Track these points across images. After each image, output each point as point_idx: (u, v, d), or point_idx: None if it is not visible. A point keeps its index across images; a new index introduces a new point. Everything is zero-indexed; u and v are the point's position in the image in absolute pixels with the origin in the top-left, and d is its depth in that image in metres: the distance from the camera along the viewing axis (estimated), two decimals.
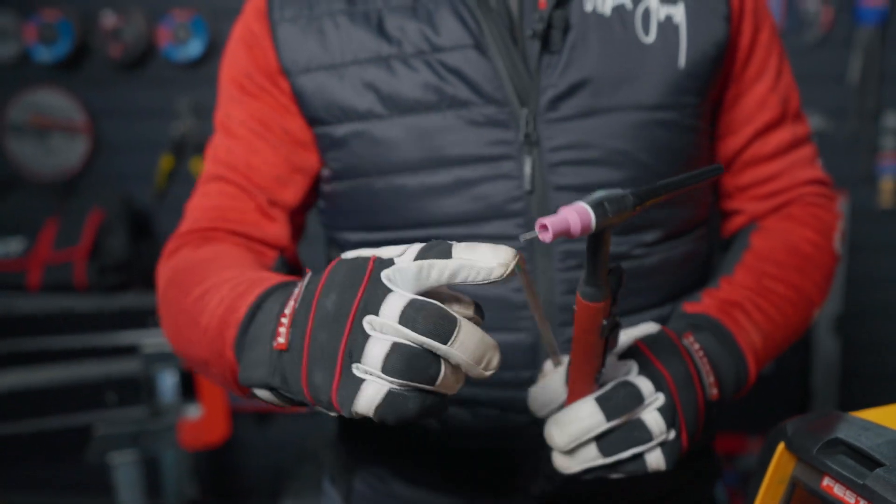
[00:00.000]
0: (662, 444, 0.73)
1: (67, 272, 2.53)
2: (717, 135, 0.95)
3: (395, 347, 0.56)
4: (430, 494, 0.94)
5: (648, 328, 0.79)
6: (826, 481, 0.61)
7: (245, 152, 0.92)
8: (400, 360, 0.56)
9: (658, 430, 0.72)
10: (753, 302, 0.86)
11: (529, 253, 0.85)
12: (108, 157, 2.95)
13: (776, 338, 0.87)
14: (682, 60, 0.85)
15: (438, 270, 0.57)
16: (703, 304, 0.85)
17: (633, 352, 0.75)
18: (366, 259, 0.61)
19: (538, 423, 0.79)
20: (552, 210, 0.84)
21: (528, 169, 0.83)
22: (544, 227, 0.56)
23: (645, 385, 0.72)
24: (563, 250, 0.84)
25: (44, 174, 2.92)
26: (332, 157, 0.90)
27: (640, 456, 0.73)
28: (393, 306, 0.57)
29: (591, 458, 0.72)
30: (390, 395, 0.57)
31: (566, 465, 0.74)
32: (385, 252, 0.61)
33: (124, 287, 2.64)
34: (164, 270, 0.91)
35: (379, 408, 0.57)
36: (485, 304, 0.85)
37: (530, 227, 0.84)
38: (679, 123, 0.86)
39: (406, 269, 0.57)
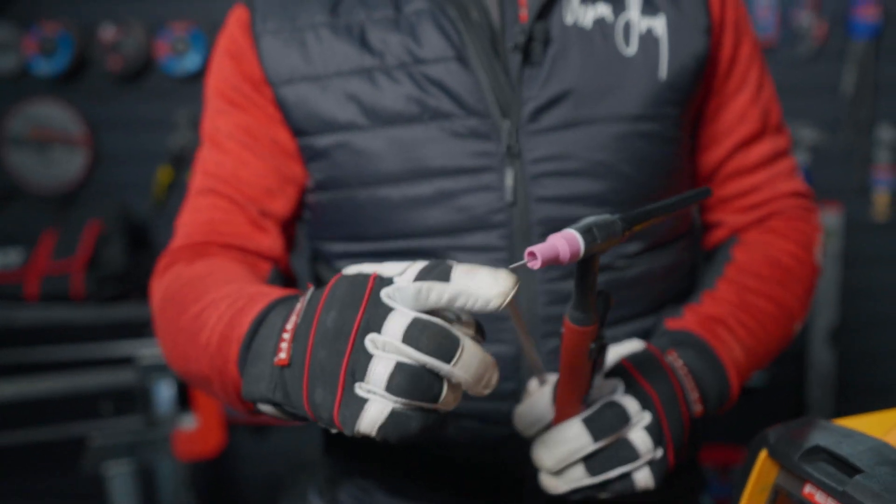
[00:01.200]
0: (650, 463, 0.74)
1: (65, 283, 2.54)
2: (699, 147, 0.96)
3: (400, 367, 0.57)
4: None
5: (633, 346, 0.79)
6: (807, 488, 0.61)
7: (234, 164, 0.93)
8: (404, 380, 0.56)
9: (645, 449, 0.73)
10: (736, 317, 0.86)
11: (511, 263, 0.85)
12: (107, 168, 2.96)
13: (758, 352, 0.88)
14: (663, 72, 0.86)
15: (437, 294, 0.57)
16: (686, 319, 0.86)
17: (618, 370, 0.75)
18: (366, 276, 0.61)
19: (519, 436, 0.80)
20: (534, 221, 0.85)
21: (509, 180, 0.84)
22: (533, 255, 0.55)
23: (631, 404, 0.73)
24: None
25: (43, 186, 2.93)
26: (314, 168, 0.90)
27: (627, 475, 0.74)
28: (396, 325, 0.57)
29: (578, 478, 0.73)
30: (393, 414, 0.57)
31: (554, 485, 0.74)
32: (386, 270, 0.61)
33: (122, 298, 2.65)
34: (158, 288, 0.91)
35: (382, 427, 0.58)
36: None
37: (512, 239, 0.85)
38: (660, 135, 0.87)
39: (405, 289, 0.57)
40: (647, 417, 0.73)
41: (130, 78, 2.87)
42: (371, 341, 0.58)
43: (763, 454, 0.65)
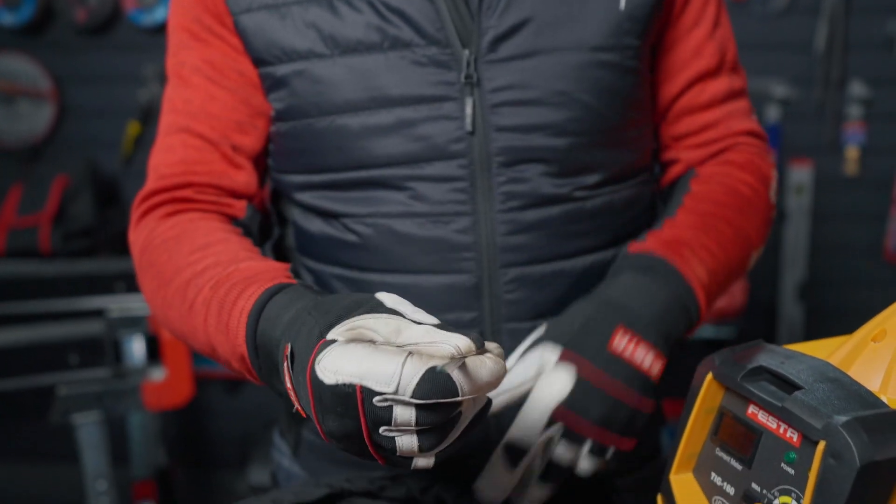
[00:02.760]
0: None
1: (32, 237, 2.51)
2: (656, 82, 0.96)
3: (422, 434, 0.58)
4: None
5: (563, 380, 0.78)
6: (751, 408, 0.62)
7: (202, 100, 0.91)
8: (431, 441, 0.58)
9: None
10: (698, 239, 0.87)
11: (471, 194, 0.85)
12: (74, 123, 2.92)
13: (720, 275, 0.88)
14: (622, 2, 0.85)
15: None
16: (647, 243, 0.86)
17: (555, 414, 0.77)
18: (351, 389, 0.57)
19: None
20: (493, 151, 0.84)
21: (469, 110, 0.84)
22: None
23: (567, 451, 0.79)
24: (504, 191, 0.85)
25: (9, 140, 2.89)
26: (274, 98, 0.89)
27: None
28: (405, 416, 0.56)
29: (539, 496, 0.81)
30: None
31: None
32: (372, 380, 0.57)
33: (90, 253, 2.63)
34: (136, 240, 0.91)
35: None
36: (425, 245, 0.87)
37: (472, 168, 0.84)
38: (620, 65, 0.86)
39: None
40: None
41: (97, 30, 2.83)
42: (387, 429, 0.57)
43: (708, 377, 0.65)
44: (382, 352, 0.56)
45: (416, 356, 0.55)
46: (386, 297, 0.63)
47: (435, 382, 0.54)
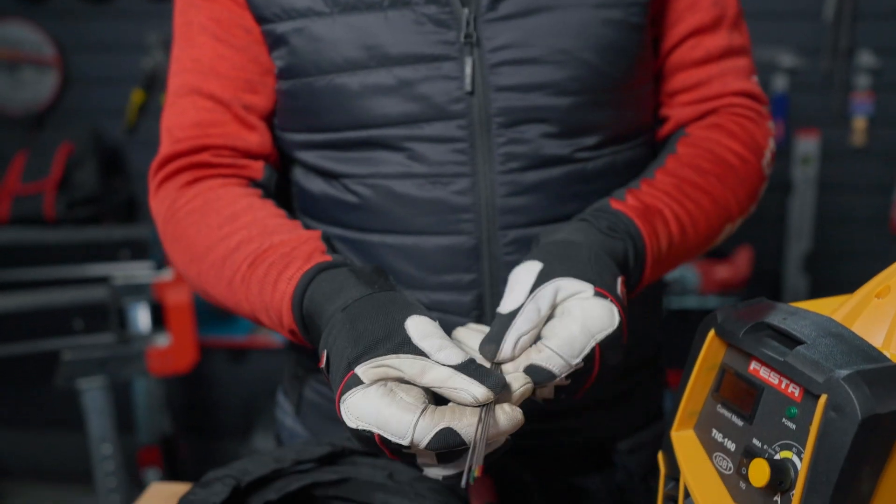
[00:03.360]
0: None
1: (37, 204, 2.51)
2: (652, 36, 0.94)
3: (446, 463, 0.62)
4: None
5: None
6: (752, 365, 0.62)
7: (211, 59, 0.90)
8: (457, 466, 0.62)
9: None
10: (672, 211, 0.84)
11: (470, 155, 0.84)
12: (78, 91, 2.91)
13: (676, 253, 0.86)
14: None
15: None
16: (627, 203, 0.83)
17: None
18: (371, 434, 0.60)
19: (479, 323, 0.80)
20: (493, 111, 0.83)
21: (468, 69, 0.83)
22: None
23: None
24: (504, 152, 0.84)
25: (13, 108, 2.88)
26: (276, 56, 0.89)
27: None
28: (425, 458, 0.62)
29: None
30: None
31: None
32: (390, 434, 0.59)
33: (95, 221, 2.63)
34: (159, 211, 0.91)
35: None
36: (424, 206, 0.86)
37: (471, 129, 0.84)
38: (625, 22, 0.85)
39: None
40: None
41: None
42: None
43: (711, 334, 0.65)
44: (398, 405, 0.59)
45: (429, 413, 0.58)
46: (414, 328, 0.64)
47: (447, 440, 0.58)
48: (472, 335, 0.72)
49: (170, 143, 0.91)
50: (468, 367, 0.60)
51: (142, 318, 2.26)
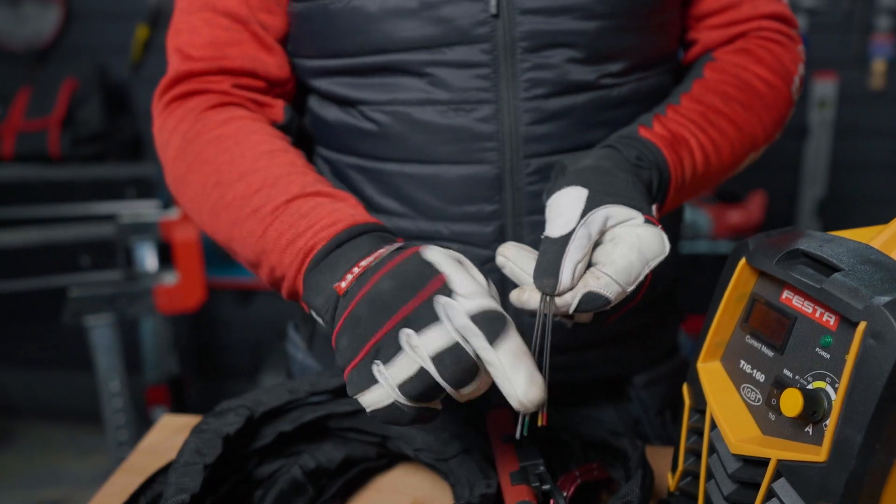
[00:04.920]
0: None
1: (41, 141, 2.48)
2: None
3: (419, 375, 0.57)
4: None
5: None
6: (785, 294, 0.60)
7: None
8: (418, 388, 0.57)
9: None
10: (698, 140, 0.82)
11: (494, 81, 0.81)
12: (81, 26, 2.86)
13: (697, 183, 0.84)
14: None
15: (473, 347, 0.56)
16: (655, 132, 0.81)
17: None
18: (435, 272, 0.59)
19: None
20: (518, 35, 0.80)
21: None
22: None
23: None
24: (528, 78, 0.81)
25: (15, 43, 2.84)
26: None
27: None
28: (434, 340, 0.57)
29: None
30: (393, 406, 0.59)
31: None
32: (457, 280, 0.58)
33: (100, 159, 2.60)
34: (177, 128, 0.84)
35: (377, 411, 0.59)
36: (446, 134, 0.83)
37: (495, 53, 0.80)
38: None
39: (457, 318, 0.56)
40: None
41: None
42: (406, 335, 0.57)
43: (742, 262, 0.63)
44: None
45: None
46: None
47: (489, 320, 0.56)
48: (522, 254, 0.69)
49: (182, 60, 0.86)
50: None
51: (148, 256, 2.25)
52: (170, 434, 0.92)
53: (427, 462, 0.80)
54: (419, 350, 0.57)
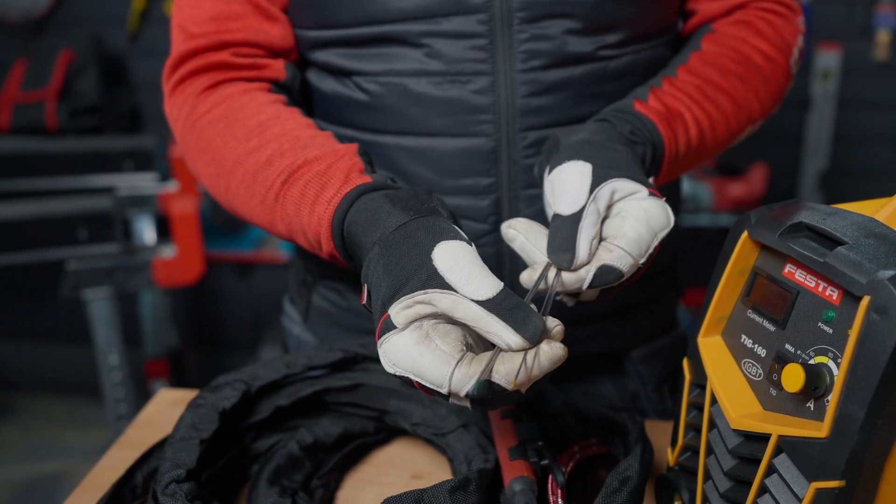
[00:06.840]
0: None
1: (38, 113, 2.46)
2: None
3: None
4: None
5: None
6: (787, 267, 0.59)
7: None
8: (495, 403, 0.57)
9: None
10: (693, 115, 0.81)
11: (490, 52, 0.80)
12: None
13: (691, 158, 0.84)
14: None
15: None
16: (650, 106, 0.80)
17: None
18: (409, 379, 0.57)
19: (496, 232, 0.76)
20: (515, 6, 0.78)
21: None
22: None
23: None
24: (526, 49, 0.80)
25: (11, 14, 2.81)
26: None
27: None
28: (462, 402, 0.56)
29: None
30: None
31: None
32: (427, 381, 0.56)
33: (97, 131, 2.58)
34: (178, 118, 0.84)
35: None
36: (441, 106, 0.82)
37: (492, 24, 0.79)
38: None
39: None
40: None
41: None
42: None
43: (743, 236, 0.62)
44: (434, 353, 0.55)
45: (465, 363, 0.54)
46: (441, 258, 0.58)
47: (482, 389, 0.54)
48: (533, 229, 0.68)
49: (184, 39, 0.85)
50: (501, 307, 0.55)
51: (147, 229, 2.24)
52: (167, 408, 0.92)
53: (425, 437, 0.80)
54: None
